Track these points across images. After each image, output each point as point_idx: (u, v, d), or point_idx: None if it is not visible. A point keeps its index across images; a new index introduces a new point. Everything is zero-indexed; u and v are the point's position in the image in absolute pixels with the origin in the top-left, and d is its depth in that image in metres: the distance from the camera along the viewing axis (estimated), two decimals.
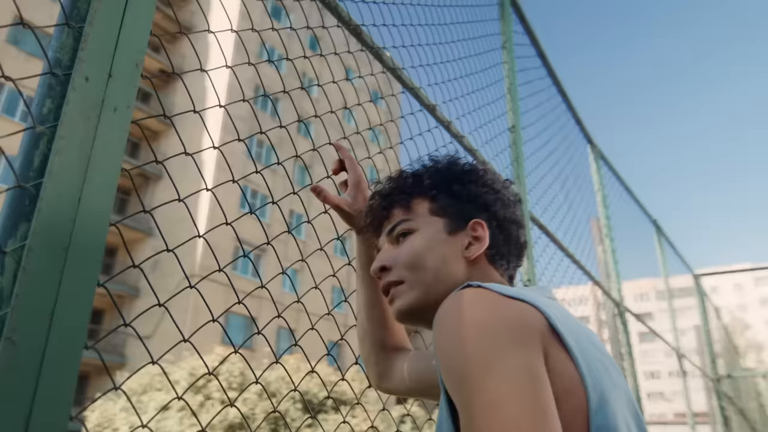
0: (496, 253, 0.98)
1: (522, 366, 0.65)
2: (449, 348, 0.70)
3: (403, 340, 1.23)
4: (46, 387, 0.65)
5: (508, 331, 0.68)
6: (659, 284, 25.02)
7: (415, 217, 1.00)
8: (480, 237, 0.96)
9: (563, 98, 3.69)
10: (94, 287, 0.73)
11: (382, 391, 1.21)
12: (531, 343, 0.68)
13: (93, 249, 0.73)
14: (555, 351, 0.69)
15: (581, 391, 0.68)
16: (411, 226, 0.99)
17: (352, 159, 1.26)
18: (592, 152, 4.17)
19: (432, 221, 0.98)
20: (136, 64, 0.85)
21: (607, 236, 3.86)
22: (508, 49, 2.66)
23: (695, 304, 9.15)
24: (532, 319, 0.71)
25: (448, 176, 1.02)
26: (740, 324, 42.92)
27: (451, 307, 0.74)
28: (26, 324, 0.65)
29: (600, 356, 0.75)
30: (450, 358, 0.69)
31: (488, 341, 0.67)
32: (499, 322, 0.69)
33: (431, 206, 1.00)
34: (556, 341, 0.70)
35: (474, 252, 0.95)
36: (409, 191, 1.02)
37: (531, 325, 0.70)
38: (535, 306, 0.73)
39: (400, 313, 0.96)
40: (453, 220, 0.98)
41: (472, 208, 0.99)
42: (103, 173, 0.76)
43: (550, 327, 0.71)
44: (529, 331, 0.69)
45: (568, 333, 0.72)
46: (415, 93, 1.72)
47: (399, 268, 0.97)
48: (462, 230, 0.97)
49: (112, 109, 0.79)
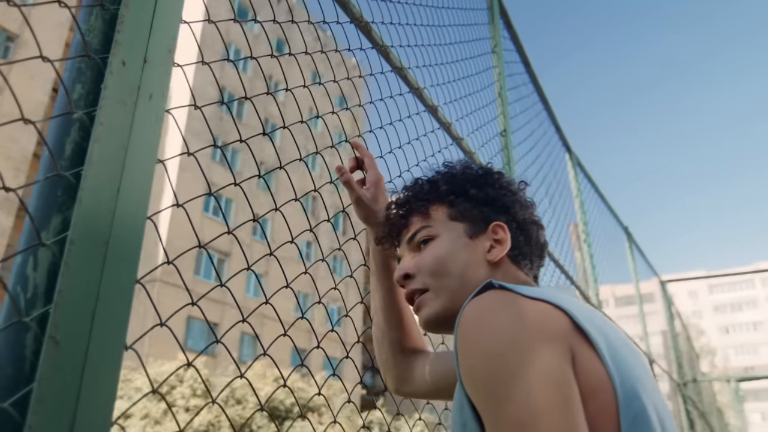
0: (519, 254, 0.97)
1: (549, 373, 0.64)
2: (472, 356, 0.69)
3: (421, 342, 1.21)
4: (90, 391, 0.60)
5: (532, 334, 0.68)
6: (618, 291, 25.86)
7: (435, 223, 0.98)
8: (501, 239, 0.95)
9: (544, 105, 3.74)
10: (134, 283, 0.68)
11: (400, 395, 1.18)
12: (556, 345, 0.67)
13: (132, 243, 0.69)
14: (581, 349, 0.69)
15: (609, 388, 0.68)
16: (431, 233, 0.98)
17: (371, 157, 1.24)
18: (570, 159, 4.23)
19: (452, 226, 0.97)
20: (169, 50, 0.80)
21: (585, 242, 3.91)
22: (498, 54, 2.68)
23: (656, 309, 9.37)
24: (555, 319, 0.70)
25: (464, 180, 1.01)
26: (695, 330, 44.20)
27: (472, 311, 0.73)
28: (70, 322, 0.60)
29: (628, 352, 0.75)
30: (473, 367, 0.68)
31: (512, 348, 0.66)
32: (522, 326, 0.68)
33: (450, 211, 0.99)
34: (581, 339, 0.70)
35: (497, 254, 0.94)
36: (426, 198, 1.01)
37: (555, 326, 0.69)
38: (557, 305, 0.72)
39: (428, 322, 0.95)
40: (473, 224, 0.97)
41: (491, 211, 0.98)
42: (141, 163, 0.72)
43: (574, 325, 0.70)
44: (553, 333, 0.68)
45: (593, 330, 0.71)
46: (419, 94, 1.70)
47: (422, 275, 0.95)
48: (483, 233, 0.96)
49: (148, 96, 0.75)
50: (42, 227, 0.65)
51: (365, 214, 1.18)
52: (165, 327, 0.91)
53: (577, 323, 0.70)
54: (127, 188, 0.69)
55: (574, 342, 0.69)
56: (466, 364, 0.69)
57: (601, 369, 0.68)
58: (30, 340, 0.60)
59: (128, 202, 0.69)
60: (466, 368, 0.69)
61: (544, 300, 0.72)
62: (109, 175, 0.68)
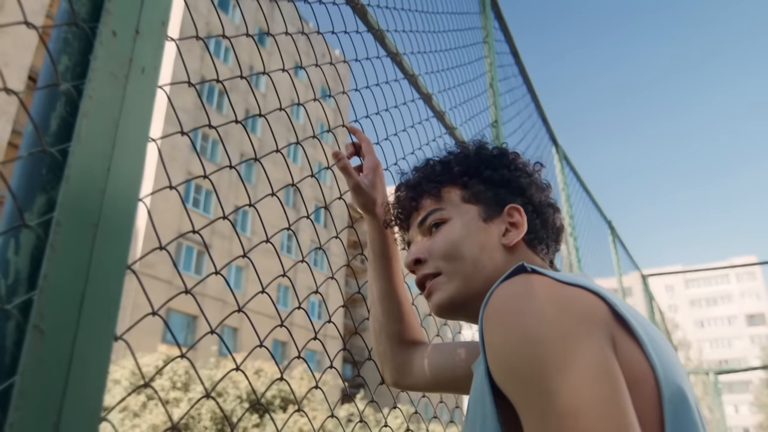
0: (535, 238, 0.93)
1: (597, 362, 0.60)
2: (508, 345, 0.63)
3: (420, 333, 1.17)
4: (77, 384, 0.56)
5: (575, 321, 0.63)
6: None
7: (447, 205, 0.94)
8: (517, 222, 0.91)
9: (532, 97, 3.71)
10: (125, 270, 0.64)
11: (399, 388, 1.15)
12: (600, 333, 0.63)
13: (123, 225, 0.64)
14: (622, 339, 0.65)
15: (650, 378, 0.64)
16: (444, 216, 0.93)
17: (369, 142, 1.20)
18: (557, 152, 4.22)
19: (466, 209, 0.93)
20: (162, 22, 0.75)
21: (571, 235, 3.91)
22: (490, 44, 2.64)
23: (635, 303, 9.46)
24: (596, 306, 0.66)
25: (478, 161, 0.96)
26: (671, 323, 44.93)
27: (504, 296, 0.67)
28: (55, 310, 0.55)
29: (663, 341, 0.71)
30: (512, 354, 0.63)
31: (555, 336, 0.61)
32: (564, 313, 0.64)
33: (463, 193, 0.94)
34: (621, 328, 0.66)
35: (513, 238, 0.90)
36: (438, 179, 0.96)
37: (596, 313, 0.65)
38: (594, 291, 0.68)
39: (440, 307, 0.90)
40: (488, 207, 0.93)
41: (507, 193, 0.94)
42: (134, 140, 0.67)
43: (613, 313, 0.67)
44: (596, 320, 0.64)
45: (632, 318, 0.67)
46: (414, 81, 1.66)
47: (435, 259, 0.91)
48: (498, 216, 0.92)
49: (140, 69, 0.70)
50: (25, 207, 0.60)
51: (363, 200, 1.14)
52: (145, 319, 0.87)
53: (617, 311, 0.66)
54: (118, 166, 0.64)
55: (615, 330, 0.65)
56: (500, 352, 0.64)
57: (641, 358, 0.64)
58: (11, 330, 0.55)
59: (119, 181, 0.64)
60: (501, 356, 0.64)
61: (581, 286, 0.68)
62: (98, 152, 0.63)
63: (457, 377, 1.03)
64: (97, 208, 0.61)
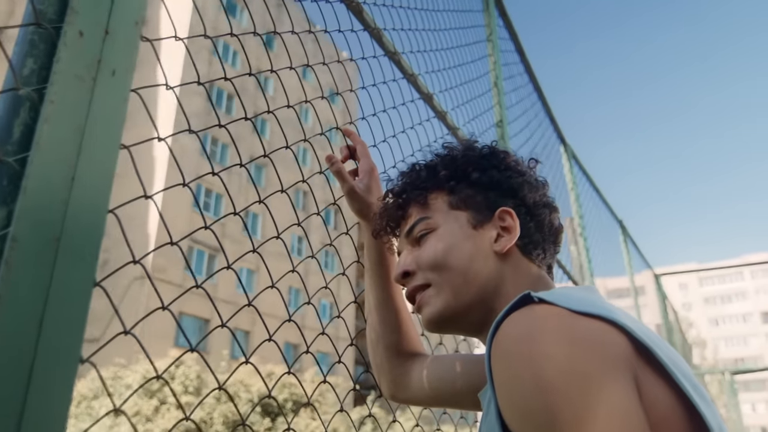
0: (529, 243, 0.87)
1: (620, 411, 0.53)
2: (522, 393, 0.57)
3: (419, 344, 1.12)
4: (35, 416, 0.51)
5: (594, 363, 0.56)
6: (609, 284, 25.86)
7: (434, 213, 0.89)
8: (509, 227, 0.85)
9: (539, 96, 3.65)
10: (92, 286, 0.59)
11: (396, 401, 1.10)
12: (622, 374, 0.56)
13: (90, 239, 0.59)
14: (646, 376, 0.58)
15: (677, 416, 0.58)
16: (430, 225, 0.88)
17: (364, 144, 1.15)
18: (566, 152, 4.16)
19: (453, 216, 0.88)
20: (135, 22, 0.71)
21: (581, 235, 3.84)
22: (493, 42, 2.59)
23: (648, 302, 9.35)
24: (616, 341, 0.59)
25: (465, 164, 0.90)
26: (685, 322, 44.54)
27: (513, 336, 0.61)
28: (10, 334, 0.51)
29: (687, 368, 0.65)
30: (524, 406, 0.57)
31: (573, 382, 0.55)
32: (581, 354, 0.57)
33: (450, 199, 0.89)
34: (644, 362, 0.59)
35: (505, 244, 0.84)
36: (423, 186, 0.91)
37: (617, 351, 0.58)
38: (613, 321, 0.61)
39: (431, 322, 0.85)
40: (477, 212, 0.87)
41: (497, 196, 0.88)
42: (102, 147, 0.63)
43: (634, 345, 0.60)
44: (617, 359, 0.57)
45: (659, 350, 0.61)
46: (414, 80, 1.61)
47: (423, 270, 0.86)
48: (488, 222, 0.86)
49: (110, 71, 0.66)
50: None
51: (358, 206, 1.09)
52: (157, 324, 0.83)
53: (641, 342, 0.60)
54: (83, 176, 0.60)
55: (636, 365, 0.59)
56: (513, 400, 0.58)
57: (667, 395, 0.58)
58: None
59: (85, 191, 0.60)
60: (514, 404, 0.58)
61: (597, 315, 0.61)
62: (60, 160, 0.58)
63: (457, 392, 0.98)
64: (58, 221, 0.57)
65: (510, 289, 0.82)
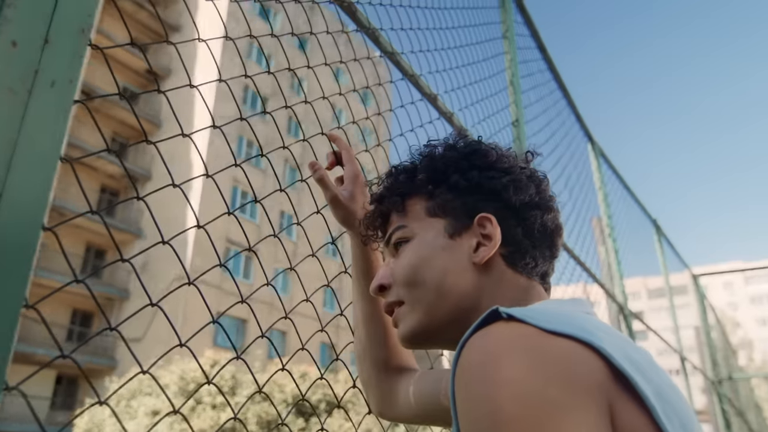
0: (516, 251, 0.78)
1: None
2: (480, 416, 0.52)
3: (408, 360, 1.07)
4: None
5: (560, 390, 0.50)
6: (650, 283, 25.40)
7: (410, 221, 0.82)
8: (489, 234, 0.77)
9: (563, 93, 3.55)
10: (19, 308, 0.57)
11: (385, 419, 1.05)
12: (591, 401, 0.51)
13: (18, 258, 0.57)
14: (622, 404, 0.52)
15: None
16: (406, 234, 0.81)
17: (349, 150, 1.10)
18: (593, 150, 4.03)
19: (429, 224, 0.80)
20: (82, 30, 0.68)
21: (610, 236, 3.72)
22: (510, 39, 2.51)
23: (690, 301, 9.06)
24: (588, 365, 0.53)
25: (445, 165, 0.82)
26: (731, 322, 43.18)
27: (475, 355, 0.55)
28: None
29: (673, 393, 0.58)
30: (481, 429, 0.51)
31: (534, 411, 0.49)
32: (546, 380, 0.51)
33: (428, 205, 0.81)
34: (621, 388, 0.53)
35: (484, 255, 0.76)
36: (400, 191, 0.84)
37: (588, 375, 0.52)
38: (587, 342, 0.55)
39: (404, 340, 0.80)
40: (455, 219, 0.79)
41: (477, 200, 0.79)
42: (37, 162, 0.60)
43: (610, 370, 0.54)
44: (587, 385, 0.51)
45: (637, 374, 0.54)
46: (415, 81, 1.56)
47: (398, 285, 0.80)
48: (467, 230, 0.78)
49: (49, 83, 0.63)
50: None
51: (342, 214, 1.05)
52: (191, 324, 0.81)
53: (617, 366, 0.54)
54: (14, 192, 0.58)
55: (613, 393, 0.53)
56: (469, 424, 0.53)
57: (645, 424, 0.52)
58: None
59: (15, 209, 0.57)
60: (472, 428, 0.53)
61: (570, 335, 0.55)
62: None
63: (445, 410, 0.93)
64: None
65: (489, 304, 0.74)
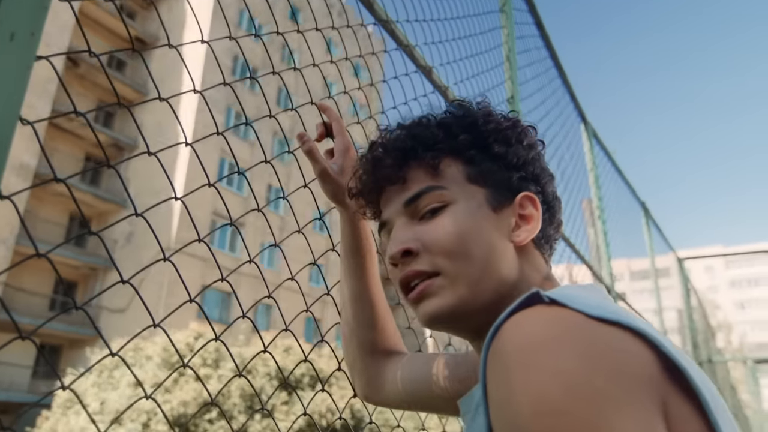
0: (543, 237, 0.74)
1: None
2: (521, 412, 0.46)
3: (396, 342, 1.02)
4: None
5: (612, 382, 0.45)
6: (633, 265, 25.90)
7: (450, 184, 0.72)
8: (530, 216, 0.72)
9: (559, 72, 3.49)
10: None
11: (370, 403, 1.01)
12: (645, 395, 0.46)
13: None
14: (675, 401, 0.47)
15: None
16: (445, 197, 0.71)
17: (340, 121, 1.04)
18: (586, 130, 3.99)
19: (471, 191, 0.72)
20: None
21: (600, 218, 3.70)
22: (507, 13, 2.44)
23: (672, 284, 9.13)
24: (640, 355, 0.48)
25: (486, 132, 0.74)
26: (711, 305, 43.88)
27: (517, 342, 0.49)
28: None
29: (721, 399, 0.53)
30: (524, 419, 0.46)
31: (584, 404, 0.44)
32: (597, 369, 0.46)
33: (469, 171, 0.73)
34: (674, 384, 0.48)
35: (525, 237, 0.71)
36: (439, 147, 0.73)
37: (641, 367, 0.47)
38: (638, 331, 0.49)
39: (435, 318, 0.69)
40: (498, 192, 0.72)
41: (521, 178, 0.73)
42: None
43: (662, 363, 0.48)
44: (640, 377, 0.46)
45: (694, 371, 0.49)
46: (410, 51, 1.49)
47: (433, 254, 0.69)
48: (508, 206, 0.72)
49: (8, 35, 0.57)
50: None
51: (332, 189, 0.98)
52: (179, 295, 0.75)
53: (671, 359, 0.49)
54: None
55: (666, 389, 0.47)
56: (509, 419, 0.47)
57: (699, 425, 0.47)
58: None
59: None
60: (511, 420, 0.47)
61: (619, 323, 0.50)
62: None
63: (435, 396, 0.89)
64: None
65: (524, 289, 0.68)
